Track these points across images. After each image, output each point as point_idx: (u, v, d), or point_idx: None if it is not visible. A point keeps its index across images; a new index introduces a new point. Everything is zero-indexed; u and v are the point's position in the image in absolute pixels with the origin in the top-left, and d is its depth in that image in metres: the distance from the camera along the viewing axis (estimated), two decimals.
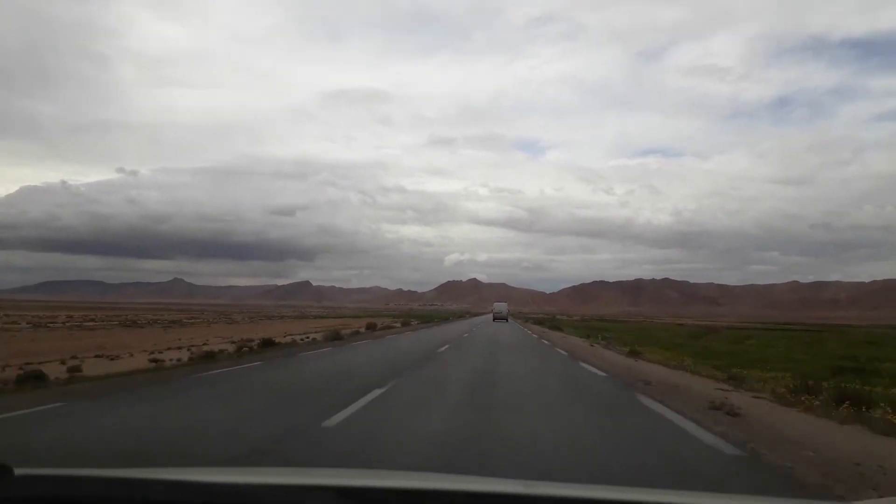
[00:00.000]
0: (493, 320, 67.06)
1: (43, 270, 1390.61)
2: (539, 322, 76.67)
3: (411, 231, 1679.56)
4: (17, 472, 1.43)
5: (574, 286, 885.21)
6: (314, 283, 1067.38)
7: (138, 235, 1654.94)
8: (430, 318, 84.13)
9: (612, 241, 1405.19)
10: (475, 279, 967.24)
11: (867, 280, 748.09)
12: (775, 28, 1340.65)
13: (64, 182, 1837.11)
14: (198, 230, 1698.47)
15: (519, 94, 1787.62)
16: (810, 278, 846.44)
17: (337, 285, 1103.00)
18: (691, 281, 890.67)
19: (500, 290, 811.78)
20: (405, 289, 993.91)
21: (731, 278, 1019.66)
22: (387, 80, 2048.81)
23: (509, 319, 72.39)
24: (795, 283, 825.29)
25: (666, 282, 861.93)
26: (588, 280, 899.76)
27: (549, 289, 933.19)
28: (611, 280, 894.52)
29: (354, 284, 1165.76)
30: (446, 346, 23.17)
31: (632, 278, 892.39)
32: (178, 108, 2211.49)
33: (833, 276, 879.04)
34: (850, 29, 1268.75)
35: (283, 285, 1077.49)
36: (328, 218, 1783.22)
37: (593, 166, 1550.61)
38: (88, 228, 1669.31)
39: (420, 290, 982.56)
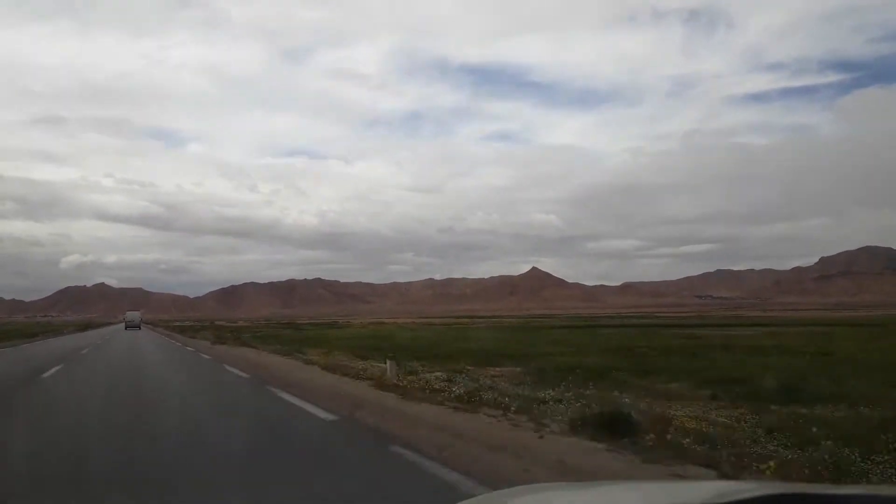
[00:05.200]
0: (126, 329, 72.06)
1: None
2: (182, 331, 58.21)
3: (14, 227, 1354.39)
4: None
5: (222, 288, 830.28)
6: None
7: None
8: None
9: (259, 242, 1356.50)
10: (103, 284, 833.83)
11: (486, 276, 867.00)
12: (410, 45, 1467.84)
13: None
14: None
15: (152, 77, 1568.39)
16: (437, 276, 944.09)
17: None
18: (341, 280, 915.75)
19: (136, 296, 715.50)
20: (6, 297, 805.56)
21: (375, 277, 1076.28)
22: None
23: (142, 328, 77.17)
24: (430, 279, 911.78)
25: (318, 281, 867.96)
26: (237, 282, 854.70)
27: (193, 293, 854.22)
28: (262, 281, 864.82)
29: None
30: None
31: (284, 279, 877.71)
32: None
33: (457, 274, 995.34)
34: (467, 57, 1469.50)
35: None
36: None
37: (238, 163, 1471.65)
38: None
39: (28, 298, 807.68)
